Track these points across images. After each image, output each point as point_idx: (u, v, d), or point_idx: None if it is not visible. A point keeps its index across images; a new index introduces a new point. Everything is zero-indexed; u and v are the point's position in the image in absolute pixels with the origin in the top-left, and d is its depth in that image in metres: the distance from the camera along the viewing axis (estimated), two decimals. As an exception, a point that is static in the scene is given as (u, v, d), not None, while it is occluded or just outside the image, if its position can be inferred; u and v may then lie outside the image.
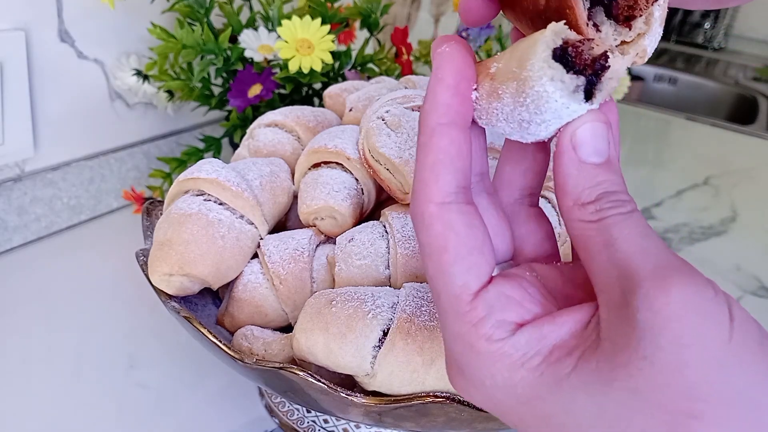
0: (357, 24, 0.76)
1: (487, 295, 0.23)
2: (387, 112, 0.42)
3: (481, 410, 0.34)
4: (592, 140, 0.23)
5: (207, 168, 0.44)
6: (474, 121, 0.25)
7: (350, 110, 0.52)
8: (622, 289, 0.21)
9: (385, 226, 0.42)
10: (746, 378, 0.19)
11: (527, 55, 0.22)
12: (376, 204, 0.47)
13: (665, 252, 0.21)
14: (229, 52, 0.66)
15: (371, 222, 0.42)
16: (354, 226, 0.44)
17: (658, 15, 0.24)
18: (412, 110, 0.42)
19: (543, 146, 0.28)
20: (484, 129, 0.26)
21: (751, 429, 0.19)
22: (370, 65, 0.76)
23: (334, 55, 0.68)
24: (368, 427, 0.44)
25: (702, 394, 0.19)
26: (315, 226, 0.45)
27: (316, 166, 0.45)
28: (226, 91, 0.69)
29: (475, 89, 0.24)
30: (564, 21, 0.23)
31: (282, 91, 0.71)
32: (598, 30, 0.24)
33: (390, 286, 0.40)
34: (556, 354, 0.22)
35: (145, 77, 0.71)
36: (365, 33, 0.76)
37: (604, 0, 0.24)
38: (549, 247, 0.28)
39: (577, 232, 0.23)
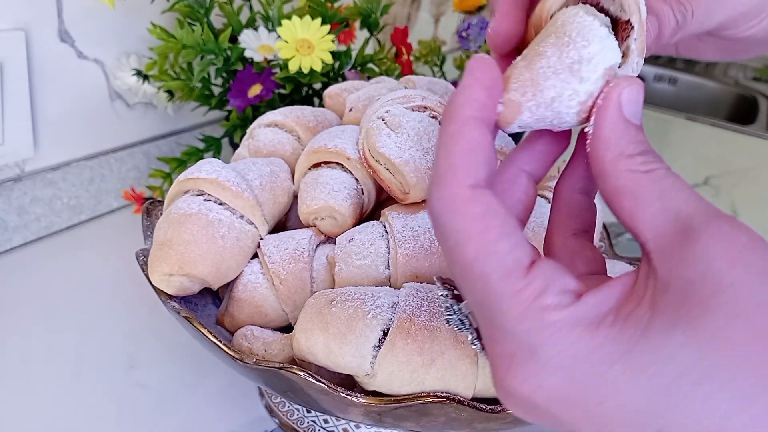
0: (357, 24, 0.76)
1: (541, 267, 0.22)
2: (387, 112, 0.42)
3: (481, 410, 0.34)
4: (634, 102, 0.24)
5: (207, 168, 0.44)
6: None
7: (350, 110, 0.52)
8: (682, 233, 0.22)
9: (385, 226, 0.42)
10: None
11: (551, 13, 0.26)
12: (376, 204, 0.47)
13: (702, 201, 0.22)
14: (229, 52, 0.66)
15: (371, 222, 0.42)
16: (354, 226, 0.44)
17: (635, 47, 0.25)
18: (412, 110, 0.42)
19: (559, 138, 0.28)
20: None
21: None
22: (370, 65, 0.76)
23: (334, 55, 0.68)
24: (368, 427, 0.44)
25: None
26: (315, 226, 0.45)
27: (316, 166, 0.45)
28: (226, 91, 0.69)
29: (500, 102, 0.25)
30: None
31: (282, 91, 0.71)
32: None
33: (390, 286, 0.40)
34: (625, 310, 0.22)
35: (145, 77, 0.71)
36: (365, 33, 0.76)
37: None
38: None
39: (623, 182, 0.23)
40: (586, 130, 0.25)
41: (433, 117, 0.42)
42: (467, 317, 0.28)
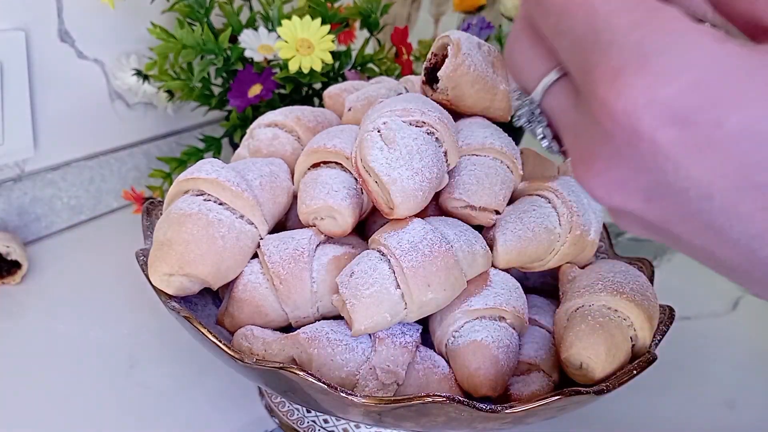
0: (357, 24, 0.76)
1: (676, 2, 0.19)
2: (384, 123, 0.41)
3: (481, 410, 0.34)
4: None
5: (207, 168, 0.44)
6: None
7: (349, 110, 0.52)
8: None
9: (380, 250, 0.41)
10: None
11: None
12: (374, 206, 0.47)
13: None
14: (229, 52, 0.66)
15: (364, 252, 0.42)
16: (354, 225, 0.44)
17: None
18: (410, 124, 0.42)
19: None
20: None
21: None
22: (370, 65, 0.76)
23: (334, 55, 0.68)
24: (368, 427, 0.44)
25: None
26: (315, 226, 0.45)
27: (316, 165, 0.45)
28: (226, 91, 0.69)
29: None
30: None
31: (282, 91, 0.71)
32: None
33: (405, 303, 0.39)
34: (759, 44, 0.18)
35: (145, 77, 0.71)
36: (365, 33, 0.76)
37: None
38: None
39: None
40: None
41: (429, 133, 0.42)
42: (535, 112, 0.25)
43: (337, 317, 0.43)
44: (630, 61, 0.18)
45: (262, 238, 0.44)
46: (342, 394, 0.35)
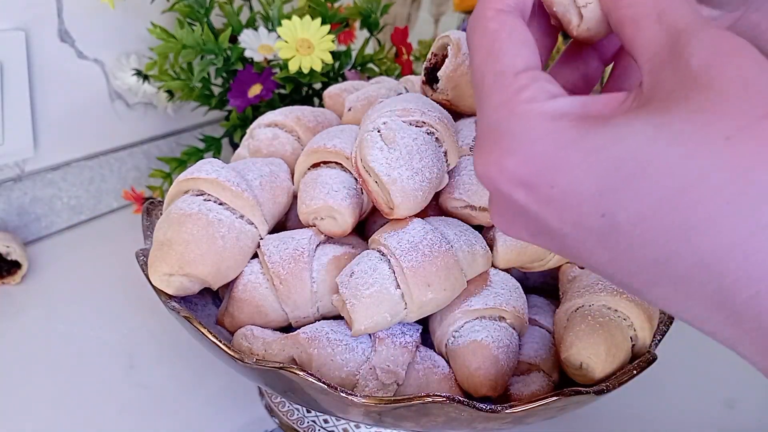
0: (357, 24, 0.76)
1: (532, 71, 0.24)
2: (384, 123, 0.41)
3: (481, 410, 0.34)
4: None
5: (207, 168, 0.44)
6: None
7: (349, 110, 0.52)
8: (672, 46, 0.22)
9: (380, 250, 0.41)
10: None
11: None
12: (373, 206, 0.47)
13: (706, 18, 0.22)
14: (229, 52, 0.66)
15: (364, 252, 0.42)
16: (354, 225, 0.44)
17: None
18: (410, 125, 0.42)
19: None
20: None
21: None
22: (370, 65, 0.76)
23: (334, 55, 0.68)
24: (368, 427, 0.44)
25: None
26: (315, 226, 0.45)
27: (316, 165, 0.45)
28: (226, 91, 0.69)
29: None
30: None
31: (282, 91, 0.71)
32: None
33: (405, 304, 0.39)
34: (597, 114, 0.22)
35: (145, 77, 0.71)
36: (365, 33, 0.76)
37: None
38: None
39: (625, 11, 0.24)
40: None
41: (429, 133, 0.42)
42: None
43: (337, 317, 0.43)
44: (488, 136, 0.24)
45: (262, 238, 0.44)
46: (342, 394, 0.35)
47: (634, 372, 0.39)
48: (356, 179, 0.44)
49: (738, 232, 0.19)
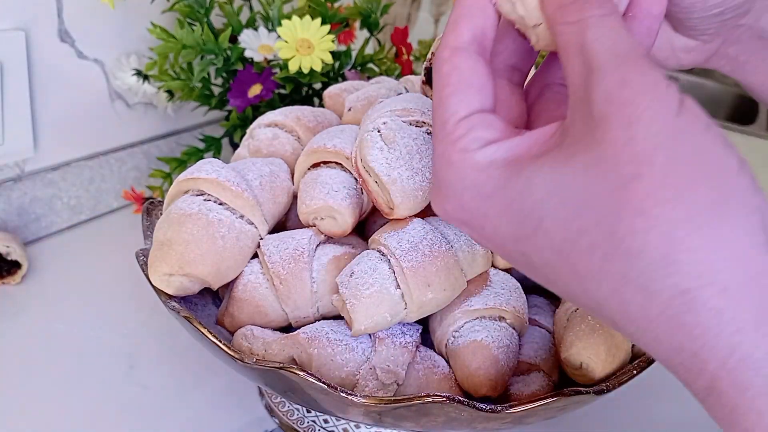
0: (357, 24, 0.76)
1: (471, 118, 0.26)
2: (384, 123, 0.41)
3: (481, 410, 0.34)
4: None
5: (207, 168, 0.44)
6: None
7: (349, 110, 0.52)
8: (586, 85, 0.23)
9: (380, 250, 0.41)
10: (688, 144, 0.21)
11: None
12: (373, 207, 0.47)
13: (633, 51, 0.23)
14: (229, 52, 0.66)
15: (364, 252, 0.42)
16: (354, 225, 0.44)
17: None
18: (410, 124, 0.42)
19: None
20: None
21: (686, 185, 0.21)
22: (370, 65, 0.76)
23: (334, 55, 0.68)
24: (368, 427, 0.44)
25: (646, 159, 0.21)
26: (315, 226, 0.45)
27: (316, 165, 0.45)
28: (226, 91, 0.69)
29: None
30: None
31: (282, 91, 0.71)
32: None
33: (405, 304, 0.39)
34: (520, 156, 0.24)
35: (145, 77, 0.71)
36: (365, 33, 0.76)
37: None
38: (516, 115, 0.31)
39: (560, 37, 0.25)
40: None
41: (429, 133, 0.42)
42: None
43: (337, 317, 0.43)
44: (434, 181, 0.27)
45: (262, 238, 0.44)
46: (342, 394, 0.35)
47: (634, 372, 0.39)
48: (356, 179, 0.44)
49: (611, 284, 0.22)
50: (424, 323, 0.43)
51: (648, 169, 0.21)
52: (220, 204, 0.43)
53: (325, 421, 0.45)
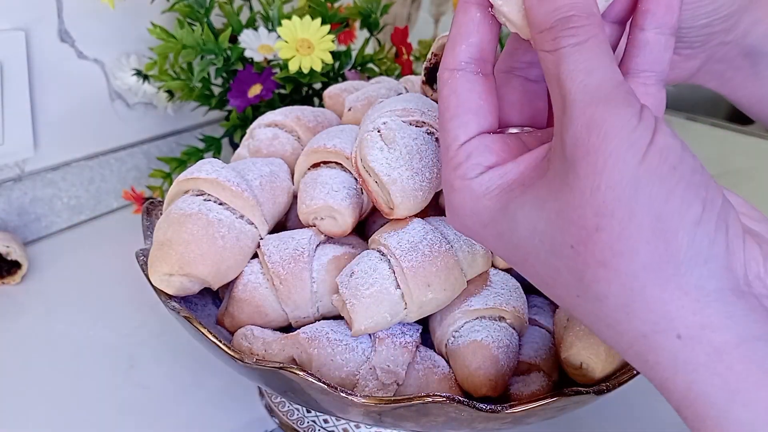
0: (357, 24, 0.76)
1: (470, 144, 0.27)
2: (384, 123, 0.41)
3: (481, 410, 0.34)
4: None
5: (207, 168, 0.44)
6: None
7: (349, 110, 0.52)
8: (562, 123, 0.24)
9: (380, 250, 0.41)
10: (645, 197, 0.22)
11: None
12: (373, 207, 0.47)
13: (605, 84, 0.23)
14: (229, 52, 0.66)
15: (364, 252, 0.42)
16: (354, 225, 0.44)
17: None
18: (410, 124, 0.41)
19: None
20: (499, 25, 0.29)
21: (640, 239, 0.22)
22: (370, 65, 0.76)
23: (334, 55, 0.68)
24: (368, 427, 0.44)
25: (608, 211, 0.22)
26: (315, 226, 0.45)
27: (316, 165, 0.45)
28: (226, 91, 0.69)
29: None
30: None
31: (282, 91, 0.71)
32: None
33: (405, 304, 0.39)
34: (513, 185, 0.26)
35: (145, 77, 0.71)
36: (365, 33, 0.76)
37: None
38: (532, 113, 0.32)
39: (542, 63, 0.25)
40: None
41: (429, 133, 0.42)
42: None
43: (337, 317, 0.43)
44: (446, 202, 0.29)
45: (262, 238, 0.44)
46: (342, 394, 0.35)
47: (634, 372, 0.39)
48: (356, 179, 0.44)
49: (588, 318, 0.25)
50: (424, 323, 0.43)
51: (608, 221, 0.22)
52: (220, 204, 0.43)
53: (325, 421, 0.45)
